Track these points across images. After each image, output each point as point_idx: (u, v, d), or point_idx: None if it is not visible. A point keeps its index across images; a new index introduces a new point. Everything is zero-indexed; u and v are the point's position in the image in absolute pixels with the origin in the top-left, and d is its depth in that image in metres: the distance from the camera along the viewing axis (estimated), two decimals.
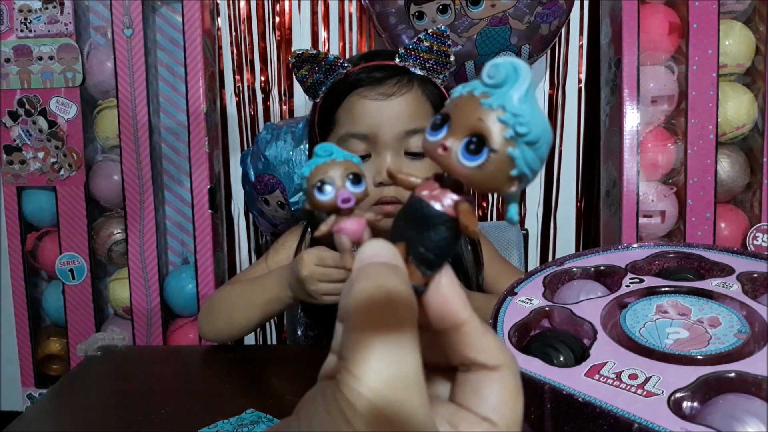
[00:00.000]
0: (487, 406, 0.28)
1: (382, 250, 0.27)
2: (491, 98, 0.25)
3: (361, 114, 0.89)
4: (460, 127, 0.26)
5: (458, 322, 0.27)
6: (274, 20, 1.46)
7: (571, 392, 0.46)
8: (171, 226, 1.35)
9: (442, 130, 0.26)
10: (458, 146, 0.25)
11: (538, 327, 0.60)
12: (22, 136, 1.28)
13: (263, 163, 1.22)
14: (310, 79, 0.93)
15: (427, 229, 0.28)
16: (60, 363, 1.41)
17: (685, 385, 0.46)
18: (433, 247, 0.27)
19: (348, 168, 0.30)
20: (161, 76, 1.30)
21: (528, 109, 0.25)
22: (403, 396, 0.23)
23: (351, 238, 0.30)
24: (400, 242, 0.28)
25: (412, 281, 0.27)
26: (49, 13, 1.25)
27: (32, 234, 1.35)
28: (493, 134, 0.25)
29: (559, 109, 1.46)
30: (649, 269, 0.67)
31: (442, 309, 0.28)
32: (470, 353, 0.28)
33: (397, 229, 0.29)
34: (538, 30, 1.19)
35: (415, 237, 0.28)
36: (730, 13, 1.20)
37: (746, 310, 0.56)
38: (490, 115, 0.25)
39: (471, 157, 0.25)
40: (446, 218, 0.27)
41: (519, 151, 0.25)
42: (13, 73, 1.26)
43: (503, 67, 0.25)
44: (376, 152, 0.90)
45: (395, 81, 0.90)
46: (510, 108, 0.25)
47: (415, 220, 0.28)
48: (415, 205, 0.28)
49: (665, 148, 1.20)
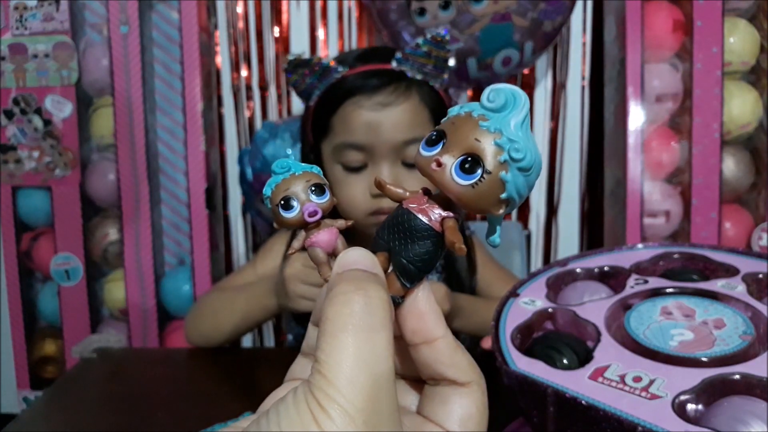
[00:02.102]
0: (454, 420, 0.28)
1: (362, 258, 0.27)
2: (489, 121, 0.26)
3: (357, 124, 0.88)
4: (456, 145, 0.26)
5: (432, 338, 0.28)
6: (272, 17, 1.46)
7: (574, 395, 0.46)
8: (167, 226, 1.34)
9: (437, 147, 0.27)
10: (452, 163, 0.26)
11: (541, 329, 0.59)
12: (17, 135, 1.27)
13: (261, 162, 1.21)
14: (303, 84, 0.92)
15: (412, 241, 0.28)
16: (55, 365, 1.40)
17: (689, 387, 0.45)
18: (416, 259, 0.28)
19: (309, 180, 0.30)
20: (157, 74, 1.29)
21: (523, 137, 0.26)
22: (374, 403, 0.23)
23: (325, 249, 0.30)
24: (382, 252, 0.29)
25: (391, 292, 0.28)
26: (45, 11, 1.24)
27: (27, 234, 1.35)
28: (489, 156, 0.26)
29: (562, 107, 1.46)
30: (654, 270, 0.67)
31: (418, 323, 0.28)
32: (441, 369, 0.28)
33: (379, 239, 0.29)
34: (541, 27, 1.19)
35: (399, 248, 0.28)
36: (734, 11, 1.19)
37: (751, 312, 0.56)
38: (487, 137, 0.26)
39: (464, 175, 0.26)
40: (432, 232, 0.28)
41: (511, 176, 0.26)
42: (8, 72, 1.25)
43: (504, 92, 0.26)
44: (372, 162, 0.90)
45: (392, 89, 0.89)
46: (507, 133, 0.26)
47: (401, 231, 0.28)
48: (402, 216, 0.28)
49: (669, 147, 1.19)
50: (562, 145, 1.48)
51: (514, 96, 0.26)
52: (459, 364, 0.28)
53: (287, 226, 0.30)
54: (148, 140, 1.28)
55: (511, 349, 0.54)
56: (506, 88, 0.26)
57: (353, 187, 0.89)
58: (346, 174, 0.90)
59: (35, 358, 1.38)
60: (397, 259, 0.28)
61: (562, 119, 1.46)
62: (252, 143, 1.31)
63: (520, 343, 0.56)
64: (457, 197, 0.27)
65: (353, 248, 0.28)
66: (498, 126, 0.26)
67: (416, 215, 0.28)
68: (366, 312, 0.25)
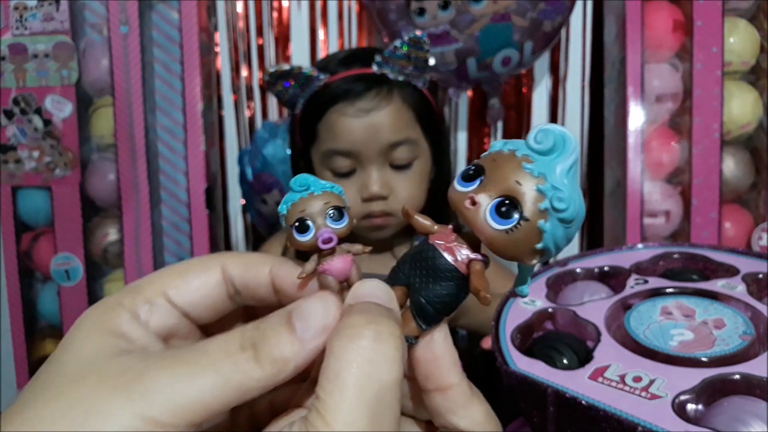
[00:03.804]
0: None
1: (378, 291, 0.26)
2: (534, 164, 0.24)
3: (341, 132, 0.89)
4: (495, 184, 0.24)
5: (445, 385, 0.26)
6: (272, 17, 1.46)
7: (574, 395, 0.46)
8: (167, 226, 1.34)
9: (474, 183, 0.25)
10: (489, 204, 0.24)
11: (541, 329, 0.60)
12: (17, 135, 1.27)
13: (261, 162, 1.21)
14: (286, 94, 0.93)
15: (434, 280, 0.26)
16: None
17: (689, 387, 0.46)
18: (435, 300, 0.26)
19: (328, 202, 0.28)
20: (157, 74, 1.29)
21: (569, 185, 0.24)
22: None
23: (337, 278, 0.28)
24: (401, 286, 0.27)
25: (405, 331, 0.26)
26: (45, 11, 1.24)
27: (27, 234, 1.34)
28: (528, 202, 0.24)
29: (561, 107, 1.45)
30: (654, 270, 0.67)
31: (431, 367, 0.26)
32: (453, 420, 0.26)
33: (399, 272, 0.27)
34: (540, 27, 1.18)
35: (419, 285, 0.26)
36: (734, 11, 1.19)
37: (751, 312, 0.56)
38: (529, 180, 0.24)
39: (499, 219, 0.24)
40: (457, 274, 0.26)
41: (550, 225, 0.24)
42: (8, 72, 1.25)
43: (553, 134, 0.24)
44: (360, 167, 0.91)
45: (374, 93, 0.90)
46: (551, 179, 0.23)
47: (424, 267, 0.26)
48: (427, 252, 0.27)
49: (669, 147, 1.19)
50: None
51: (564, 139, 0.24)
52: (473, 415, 0.26)
53: (301, 248, 0.28)
54: (148, 140, 1.28)
55: (511, 349, 0.54)
56: (556, 129, 0.24)
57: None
58: (335, 179, 0.91)
59: (35, 358, 1.38)
60: (416, 297, 0.26)
61: (562, 119, 1.46)
62: (252, 143, 1.31)
63: (520, 343, 0.56)
64: (488, 241, 0.25)
65: (369, 279, 0.26)
66: (543, 170, 0.24)
67: (442, 253, 0.26)
68: (374, 350, 0.23)
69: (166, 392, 0.22)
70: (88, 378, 0.23)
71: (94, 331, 0.26)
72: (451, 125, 1.47)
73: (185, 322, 0.29)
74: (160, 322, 0.28)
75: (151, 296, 0.28)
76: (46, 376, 0.25)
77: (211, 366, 0.23)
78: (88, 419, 0.22)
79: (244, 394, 0.23)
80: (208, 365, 0.23)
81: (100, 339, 0.25)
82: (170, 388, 0.22)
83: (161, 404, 0.22)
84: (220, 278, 0.29)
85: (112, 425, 0.22)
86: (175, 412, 0.22)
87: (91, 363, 0.24)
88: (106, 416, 0.22)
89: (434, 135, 0.98)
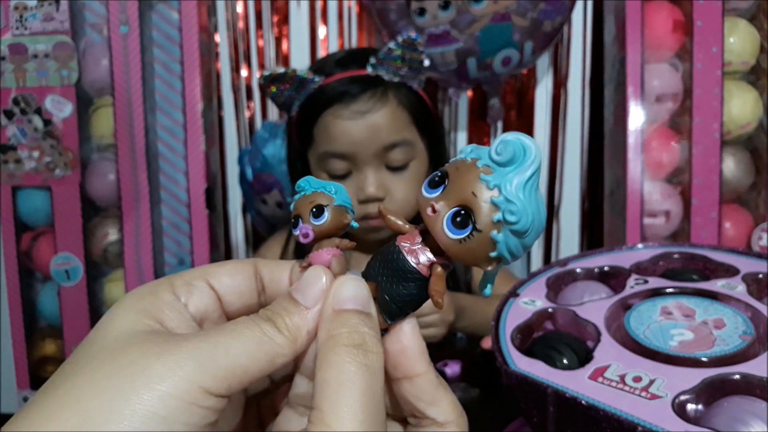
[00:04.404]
0: None
1: (358, 294, 0.28)
2: (492, 175, 0.24)
3: (337, 134, 0.89)
4: (453, 194, 0.25)
5: (413, 373, 0.28)
6: (272, 17, 1.46)
7: (574, 395, 0.46)
8: (167, 226, 1.34)
9: (438, 189, 0.26)
10: (446, 213, 0.25)
11: (541, 329, 0.60)
12: (17, 135, 1.27)
13: (261, 162, 1.21)
14: (282, 97, 0.93)
15: (398, 281, 0.28)
16: (55, 365, 1.39)
17: (689, 387, 0.46)
18: (397, 299, 0.28)
19: (312, 201, 0.31)
20: (157, 74, 1.29)
21: (523, 198, 0.24)
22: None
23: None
24: (372, 282, 0.28)
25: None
26: (45, 11, 1.24)
27: (27, 234, 1.34)
28: (482, 214, 0.24)
29: (562, 107, 1.45)
30: (654, 270, 0.67)
31: (400, 357, 0.28)
32: (421, 406, 0.28)
33: (372, 269, 0.29)
34: (540, 27, 1.18)
35: (384, 283, 0.28)
36: (734, 11, 1.19)
37: (751, 312, 0.56)
38: (484, 193, 0.24)
39: (454, 229, 0.25)
40: (418, 276, 0.27)
41: (503, 236, 0.24)
42: (8, 71, 1.25)
43: (513, 145, 0.24)
44: (357, 169, 0.91)
45: (369, 95, 0.90)
46: (505, 192, 0.24)
47: (389, 268, 0.28)
48: (393, 253, 0.28)
49: (669, 147, 1.19)
50: (562, 145, 1.48)
51: (525, 151, 0.24)
52: (440, 402, 0.28)
53: (298, 241, 0.31)
54: (148, 140, 1.28)
55: (511, 349, 0.54)
56: (517, 141, 0.24)
57: None
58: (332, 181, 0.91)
59: (35, 358, 1.38)
60: (381, 295, 0.28)
61: (562, 119, 1.46)
62: (252, 143, 1.31)
63: (520, 343, 0.56)
64: (445, 248, 0.26)
65: (349, 278, 0.28)
66: (498, 182, 0.24)
67: (405, 255, 0.27)
68: (364, 376, 0.25)
69: (210, 357, 0.24)
70: (130, 348, 0.25)
71: (132, 312, 0.27)
72: (451, 125, 1.47)
73: (218, 307, 0.31)
74: (197, 303, 0.30)
75: (191, 279, 0.30)
76: (85, 350, 0.26)
77: (244, 333, 0.26)
78: (135, 381, 0.23)
79: (273, 359, 0.26)
80: (241, 333, 0.26)
81: (137, 318, 0.27)
82: (212, 353, 0.25)
83: (206, 369, 0.24)
84: (252, 273, 0.32)
85: (165, 386, 0.23)
86: (217, 375, 0.24)
87: (131, 336, 0.25)
88: (158, 378, 0.23)
89: (430, 136, 0.97)
